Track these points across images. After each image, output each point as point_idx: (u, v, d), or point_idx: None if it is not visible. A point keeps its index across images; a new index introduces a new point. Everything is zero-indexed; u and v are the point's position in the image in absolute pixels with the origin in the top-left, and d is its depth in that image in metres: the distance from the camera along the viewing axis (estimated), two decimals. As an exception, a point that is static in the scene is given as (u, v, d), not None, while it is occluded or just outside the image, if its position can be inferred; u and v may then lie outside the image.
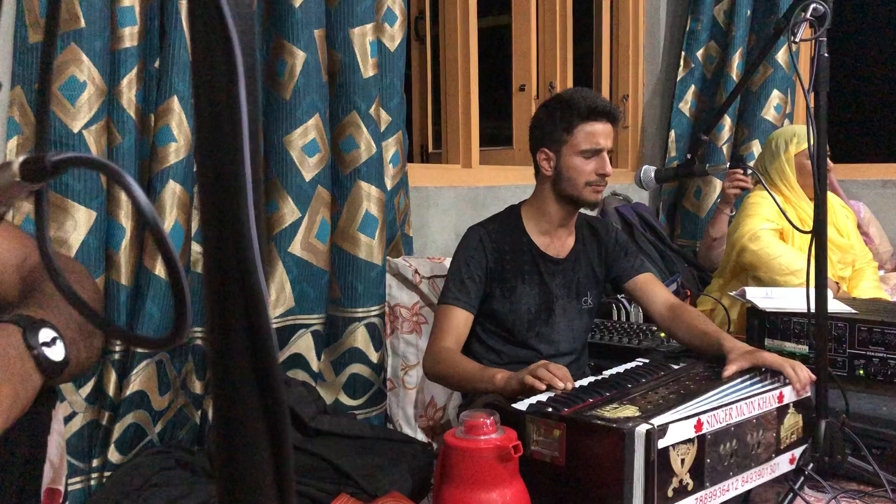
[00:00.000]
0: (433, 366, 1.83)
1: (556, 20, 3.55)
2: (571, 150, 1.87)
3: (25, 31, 1.59)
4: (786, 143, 2.83)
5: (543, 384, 1.52)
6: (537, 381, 1.52)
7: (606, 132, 1.88)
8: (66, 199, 1.61)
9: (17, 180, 0.40)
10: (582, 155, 1.86)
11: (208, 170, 0.32)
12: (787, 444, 1.59)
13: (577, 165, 1.87)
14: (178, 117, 1.77)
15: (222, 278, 0.33)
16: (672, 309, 1.94)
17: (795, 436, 1.62)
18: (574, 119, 1.86)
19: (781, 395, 1.57)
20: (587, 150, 1.86)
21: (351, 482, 1.69)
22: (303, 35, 1.99)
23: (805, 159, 2.77)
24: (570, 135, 1.86)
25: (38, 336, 0.82)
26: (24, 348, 0.80)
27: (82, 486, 1.68)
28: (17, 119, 1.59)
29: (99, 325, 0.38)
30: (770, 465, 1.54)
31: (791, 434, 1.60)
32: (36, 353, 0.81)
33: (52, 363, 0.82)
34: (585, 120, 1.85)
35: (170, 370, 1.82)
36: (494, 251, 1.91)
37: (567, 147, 1.87)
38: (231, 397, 0.36)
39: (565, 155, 1.88)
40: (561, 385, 1.51)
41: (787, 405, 1.58)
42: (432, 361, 1.83)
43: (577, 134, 1.86)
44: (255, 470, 0.37)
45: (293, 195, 2.02)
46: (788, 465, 1.61)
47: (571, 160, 1.87)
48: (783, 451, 1.58)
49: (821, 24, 1.69)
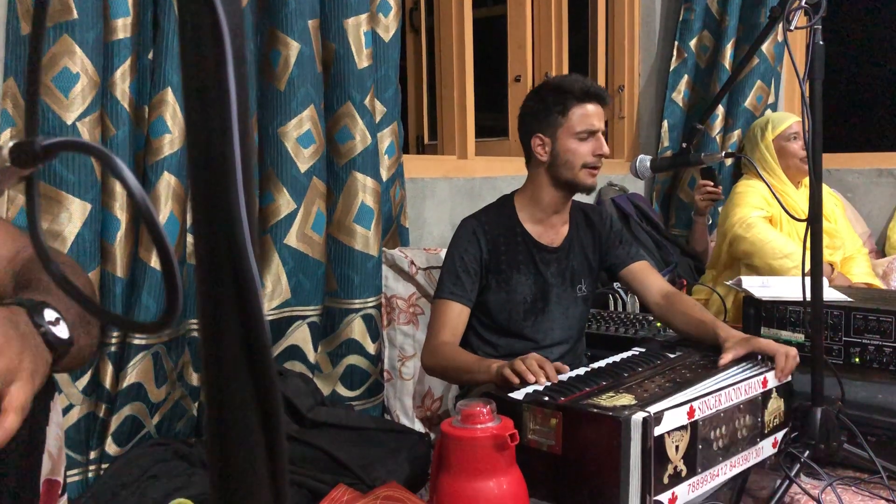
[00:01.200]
0: (431, 361, 1.83)
1: (551, 10, 3.55)
2: (567, 132, 1.87)
3: (18, 23, 1.58)
4: (762, 131, 2.86)
5: (517, 379, 1.52)
6: (513, 376, 1.53)
7: (599, 114, 1.89)
8: (60, 191, 1.60)
9: (7, 165, 0.39)
10: (577, 137, 1.87)
11: (198, 151, 0.31)
12: (770, 428, 1.61)
13: (574, 148, 1.87)
14: (172, 109, 1.77)
15: (213, 260, 0.33)
16: (667, 297, 1.94)
17: (778, 420, 1.64)
18: (568, 101, 1.87)
19: (765, 380, 1.59)
20: (583, 132, 1.86)
21: (348, 473, 1.69)
22: (297, 26, 1.98)
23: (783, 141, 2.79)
24: (565, 117, 1.87)
25: (44, 315, 0.83)
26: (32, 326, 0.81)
27: (80, 477, 1.69)
28: (10, 111, 1.59)
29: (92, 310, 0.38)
30: (755, 449, 1.56)
31: (774, 418, 1.62)
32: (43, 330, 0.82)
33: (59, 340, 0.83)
34: (580, 102, 1.87)
35: (166, 362, 1.82)
36: (488, 242, 1.91)
37: (563, 130, 1.87)
38: (223, 382, 0.36)
39: (561, 138, 1.88)
40: (532, 379, 1.51)
41: (771, 390, 1.60)
42: (430, 356, 1.83)
43: (572, 116, 1.86)
44: (247, 455, 0.37)
45: (288, 186, 2.02)
46: (771, 449, 1.63)
47: (567, 143, 1.87)
48: (767, 435, 1.60)
49: (815, 12, 1.69)
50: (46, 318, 0.83)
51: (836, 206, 2.95)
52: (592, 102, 1.88)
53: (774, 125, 2.83)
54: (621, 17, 3.98)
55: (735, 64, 3.65)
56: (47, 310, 0.84)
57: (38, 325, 0.82)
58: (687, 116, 3.86)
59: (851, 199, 3.64)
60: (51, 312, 0.85)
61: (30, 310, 0.83)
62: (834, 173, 3.70)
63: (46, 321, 0.83)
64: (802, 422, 1.76)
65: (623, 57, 3.99)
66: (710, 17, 3.81)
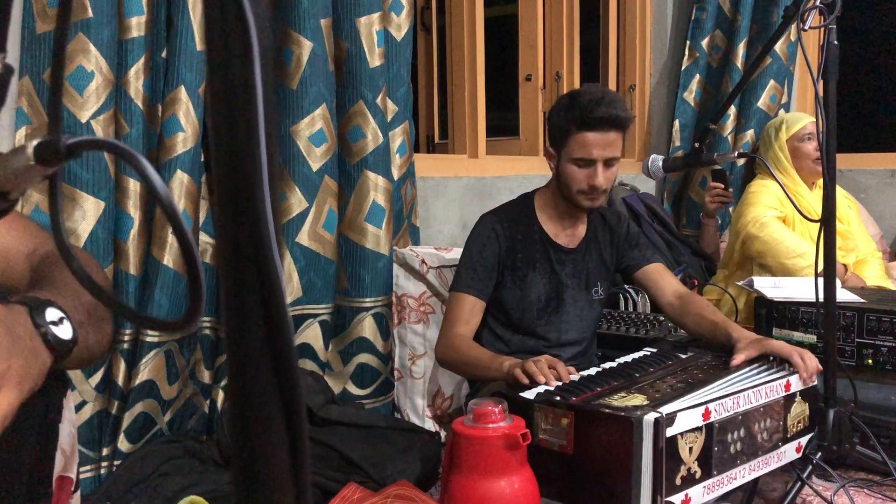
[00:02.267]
0: (445, 353, 1.83)
1: (562, 9, 3.54)
2: (567, 155, 1.84)
3: (33, 22, 1.59)
4: (776, 131, 2.85)
5: (527, 379, 1.53)
6: (523, 376, 1.53)
7: (604, 142, 1.80)
8: (74, 189, 1.61)
9: (31, 163, 0.40)
10: (574, 163, 1.83)
11: (224, 151, 0.32)
12: (793, 433, 1.59)
13: (570, 172, 1.84)
14: (185, 107, 1.77)
15: (238, 260, 0.33)
16: (681, 298, 1.94)
17: (802, 424, 1.62)
18: (570, 126, 1.81)
19: (789, 383, 1.57)
20: (579, 160, 1.82)
21: (359, 471, 1.69)
22: (309, 24, 1.99)
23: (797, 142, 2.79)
24: (566, 141, 1.83)
25: (45, 315, 0.82)
26: (31, 326, 0.80)
27: (93, 474, 1.70)
28: (26, 109, 1.60)
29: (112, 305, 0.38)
30: (777, 453, 1.54)
31: (798, 423, 1.60)
32: (43, 330, 0.81)
33: (60, 341, 0.82)
34: (579, 129, 1.80)
35: (178, 360, 1.83)
36: (507, 239, 1.91)
37: (564, 151, 1.85)
38: (247, 379, 0.37)
39: (562, 159, 1.86)
40: (542, 380, 1.51)
41: (794, 394, 1.58)
42: (444, 348, 1.84)
43: (571, 143, 1.82)
44: (270, 450, 0.37)
45: (300, 185, 2.02)
46: (795, 454, 1.61)
47: (565, 166, 1.85)
48: (790, 439, 1.58)
49: (830, 12, 1.68)
50: (48, 318, 0.82)
51: (850, 208, 2.94)
52: (594, 130, 1.79)
53: (789, 126, 2.82)
54: (633, 16, 3.96)
55: (747, 64, 3.63)
56: (50, 309, 0.83)
57: (38, 325, 0.80)
58: (698, 116, 3.84)
59: (864, 199, 3.62)
60: (54, 312, 0.83)
61: (32, 309, 0.81)
62: (847, 174, 3.69)
63: (48, 321, 0.82)
64: (815, 423, 1.75)
65: (634, 56, 3.98)
66: (723, 17, 3.80)
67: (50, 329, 0.81)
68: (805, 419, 1.63)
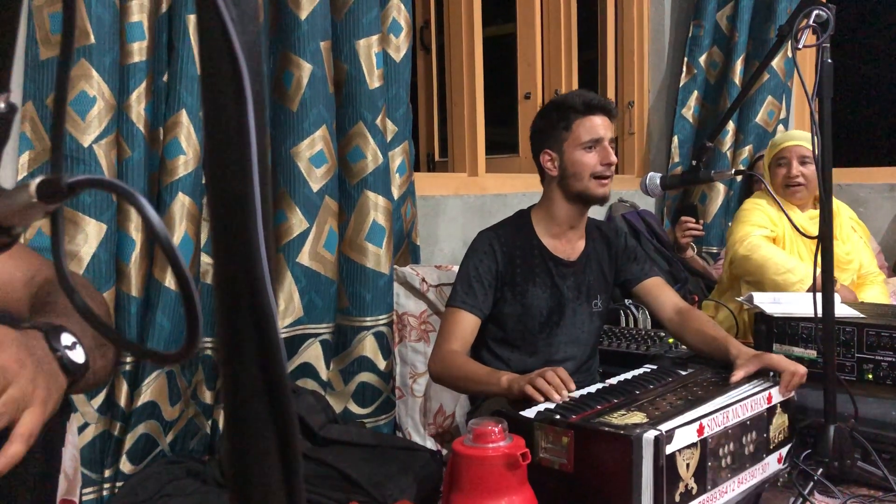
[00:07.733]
0: (439, 368, 1.83)
1: (560, 28, 3.57)
2: (573, 145, 1.89)
3: (37, 48, 1.61)
4: (767, 152, 2.85)
5: (542, 397, 1.53)
6: (536, 393, 1.53)
7: (605, 124, 1.91)
8: (76, 213, 1.63)
9: (34, 201, 0.41)
10: (583, 147, 1.89)
11: (218, 191, 0.33)
12: (775, 444, 1.62)
13: (581, 159, 1.89)
14: (186, 130, 1.79)
15: (232, 295, 0.34)
16: (680, 313, 1.95)
17: (782, 435, 1.65)
18: (571, 115, 1.90)
19: (770, 396, 1.59)
20: (588, 142, 1.89)
21: (360, 490, 1.70)
22: (309, 47, 2.01)
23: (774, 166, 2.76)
24: (569, 131, 1.90)
25: (60, 339, 0.83)
26: (48, 350, 0.81)
27: (95, 496, 1.70)
28: (29, 134, 1.62)
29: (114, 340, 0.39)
30: (761, 465, 1.57)
31: (779, 433, 1.63)
32: (59, 354, 0.82)
33: (75, 365, 0.83)
34: (583, 115, 1.89)
35: (180, 381, 1.84)
36: (505, 255, 1.92)
37: (568, 143, 1.90)
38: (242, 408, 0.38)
39: (567, 151, 1.90)
40: (557, 398, 1.51)
41: (775, 405, 1.61)
42: (438, 364, 1.84)
43: (576, 129, 1.89)
44: (265, 477, 0.38)
45: (301, 206, 2.04)
46: (777, 465, 1.63)
47: (574, 155, 1.89)
48: (772, 450, 1.61)
49: (824, 31, 1.70)
50: (63, 343, 0.84)
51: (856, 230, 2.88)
52: (595, 114, 1.90)
53: (772, 148, 2.82)
54: (630, 33, 4.00)
55: (745, 80, 3.66)
56: (64, 334, 0.85)
57: (54, 349, 0.82)
58: (697, 132, 3.86)
59: (863, 214, 3.62)
60: (67, 336, 0.85)
61: (47, 334, 0.83)
62: (844, 188, 3.70)
63: (63, 345, 0.83)
64: (815, 439, 1.75)
65: (633, 73, 4.01)
66: (720, 33, 3.83)
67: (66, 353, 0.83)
68: (785, 430, 1.65)
